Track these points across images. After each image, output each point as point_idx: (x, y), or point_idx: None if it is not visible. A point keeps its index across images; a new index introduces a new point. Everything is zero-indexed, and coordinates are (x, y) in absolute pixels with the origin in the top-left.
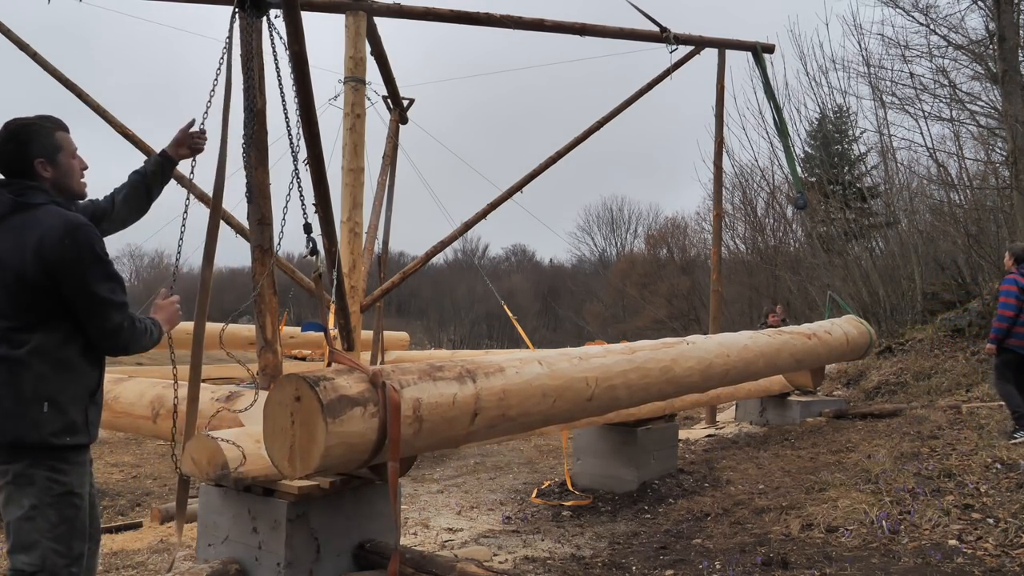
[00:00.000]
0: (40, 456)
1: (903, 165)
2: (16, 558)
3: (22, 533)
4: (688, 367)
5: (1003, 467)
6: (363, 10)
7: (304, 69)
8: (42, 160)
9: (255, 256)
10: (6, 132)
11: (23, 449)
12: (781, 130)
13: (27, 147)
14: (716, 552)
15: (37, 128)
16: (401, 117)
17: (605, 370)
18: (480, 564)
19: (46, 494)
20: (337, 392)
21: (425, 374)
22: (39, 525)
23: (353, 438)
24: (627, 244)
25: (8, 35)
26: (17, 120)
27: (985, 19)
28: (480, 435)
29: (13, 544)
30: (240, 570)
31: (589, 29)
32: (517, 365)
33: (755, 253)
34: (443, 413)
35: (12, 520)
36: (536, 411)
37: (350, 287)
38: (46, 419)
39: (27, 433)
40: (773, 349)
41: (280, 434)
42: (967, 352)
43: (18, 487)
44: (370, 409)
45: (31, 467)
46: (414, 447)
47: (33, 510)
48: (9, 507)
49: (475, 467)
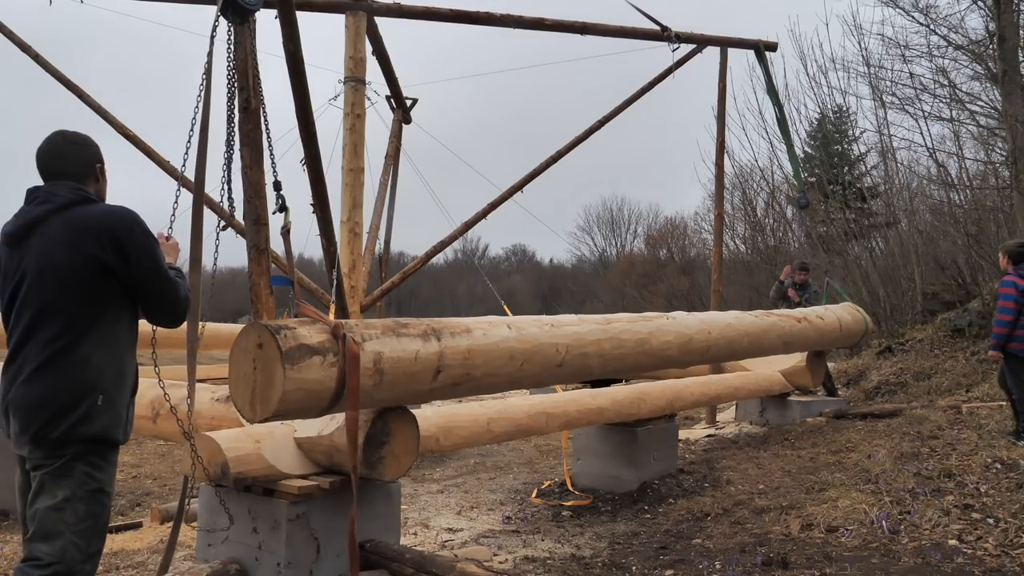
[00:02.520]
0: (85, 450)
1: (903, 165)
2: (35, 546)
3: (48, 523)
4: (666, 341)
5: (1003, 467)
6: (363, 10)
7: (300, 69)
8: (100, 165)
9: (251, 256)
10: (67, 136)
11: (72, 443)
12: (783, 129)
13: (91, 151)
14: (716, 552)
15: (93, 141)
16: (404, 117)
17: (578, 338)
18: (480, 564)
19: (80, 488)
20: (297, 340)
21: (389, 329)
22: (66, 517)
23: (311, 384)
24: (627, 244)
25: (9, 36)
26: (72, 130)
27: (985, 19)
28: (445, 392)
29: (34, 532)
30: (240, 570)
31: (590, 28)
32: (485, 327)
33: (755, 253)
34: (405, 368)
35: (40, 509)
36: (503, 372)
37: (350, 287)
38: (99, 413)
39: (80, 427)
40: (759, 329)
41: (243, 379)
42: (967, 352)
43: (54, 478)
44: (329, 359)
45: (73, 460)
46: (375, 399)
47: (64, 502)
48: (41, 496)
49: (475, 467)
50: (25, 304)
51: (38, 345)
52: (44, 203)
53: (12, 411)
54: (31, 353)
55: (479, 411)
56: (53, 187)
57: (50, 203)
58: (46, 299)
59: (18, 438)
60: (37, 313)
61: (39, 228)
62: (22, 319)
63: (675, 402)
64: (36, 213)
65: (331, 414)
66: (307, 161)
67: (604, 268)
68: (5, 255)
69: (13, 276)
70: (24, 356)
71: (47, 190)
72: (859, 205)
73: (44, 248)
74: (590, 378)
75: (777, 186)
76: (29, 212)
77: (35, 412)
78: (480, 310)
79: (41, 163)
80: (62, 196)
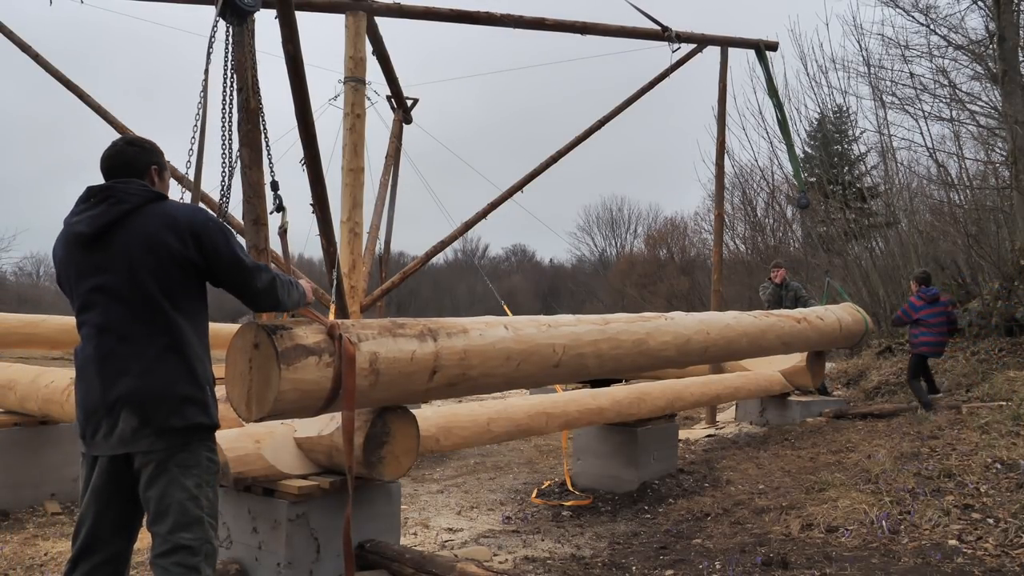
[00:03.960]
0: (206, 437)
1: (903, 165)
2: (179, 536)
3: (187, 512)
4: (664, 341)
5: (1003, 467)
6: (363, 10)
7: (299, 69)
8: (156, 168)
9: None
10: (128, 139)
11: (196, 430)
12: (783, 129)
13: (148, 155)
14: (716, 552)
15: (153, 143)
16: (405, 117)
17: (575, 338)
18: (480, 564)
19: (206, 473)
20: (293, 341)
21: (385, 330)
22: (202, 503)
23: (307, 385)
24: (627, 244)
25: (10, 37)
26: (135, 135)
27: (985, 19)
28: (441, 392)
29: (175, 523)
30: (240, 570)
31: (590, 28)
32: (482, 327)
33: (755, 253)
34: (401, 368)
35: (174, 502)
36: (499, 373)
37: (350, 287)
38: (212, 400)
39: (200, 416)
40: (758, 330)
41: (239, 378)
42: (967, 352)
43: (183, 469)
44: (325, 359)
45: (198, 447)
46: (371, 399)
47: (197, 489)
48: (170, 489)
49: (475, 467)
50: (114, 302)
51: (143, 341)
52: (121, 202)
53: (127, 406)
54: (136, 350)
55: (479, 411)
56: (126, 186)
57: (127, 202)
58: (141, 296)
59: (135, 432)
60: (135, 311)
61: (121, 227)
62: (112, 317)
63: (675, 402)
64: (114, 213)
65: (331, 414)
66: (307, 161)
67: (604, 268)
68: (79, 255)
69: (91, 275)
70: (126, 353)
71: (121, 189)
72: (859, 205)
73: (130, 246)
74: (588, 378)
75: (777, 186)
76: (107, 212)
77: (158, 403)
78: (480, 310)
79: (104, 165)
80: (138, 195)
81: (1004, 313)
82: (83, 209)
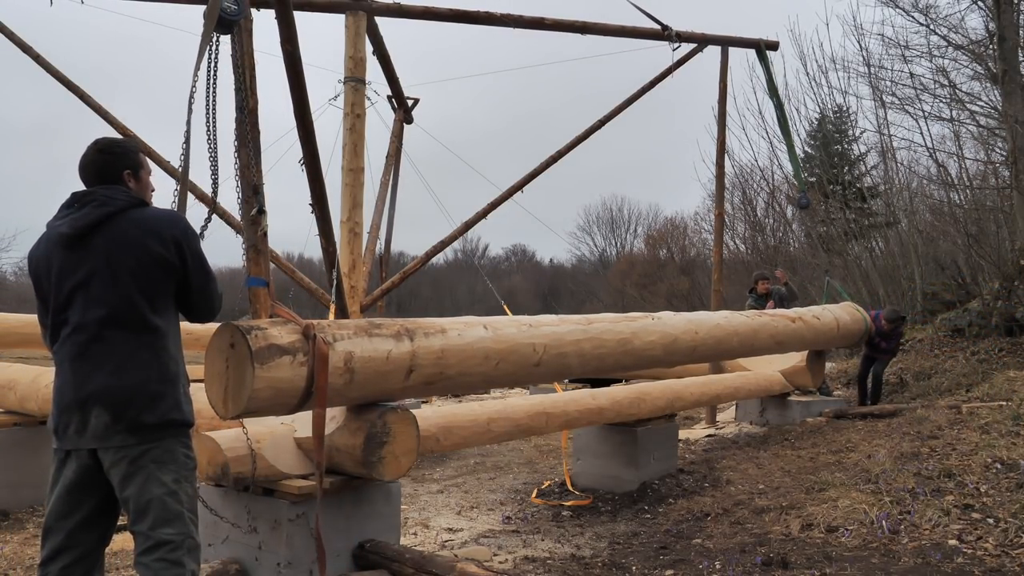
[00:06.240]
0: (180, 433)
1: (903, 165)
2: (161, 532)
3: (167, 508)
4: (649, 341)
5: (1003, 467)
6: (363, 10)
7: (298, 69)
8: (129, 172)
9: (249, 256)
10: (98, 146)
11: (170, 426)
12: (784, 129)
13: (119, 159)
14: (716, 552)
15: (125, 145)
16: (406, 117)
17: (556, 338)
18: (480, 564)
19: (183, 468)
20: (268, 340)
21: (362, 330)
22: (181, 498)
23: (281, 383)
24: (627, 244)
25: (11, 37)
26: (107, 138)
27: (985, 19)
28: (418, 390)
29: (155, 519)
30: (240, 570)
31: (590, 28)
32: (461, 327)
33: (755, 253)
34: (376, 367)
35: (154, 497)
36: (477, 372)
37: (350, 287)
38: (185, 398)
39: (174, 413)
40: (750, 329)
41: (217, 377)
42: (967, 352)
43: (160, 464)
44: (299, 358)
45: (173, 444)
46: (346, 397)
47: (175, 484)
48: (148, 485)
49: (475, 467)
50: (93, 302)
51: (119, 340)
52: (104, 206)
53: (100, 402)
54: (111, 348)
55: (479, 411)
56: (109, 191)
57: (110, 206)
58: (120, 296)
59: (107, 429)
60: (113, 310)
61: (103, 229)
62: (90, 316)
63: (675, 402)
64: (97, 215)
65: (331, 415)
66: (305, 160)
67: (604, 268)
68: (60, 255)
69: (72, 275)
70: (101, 351)
71: (104, 194)
72: (859, 205)
73: (111, 248)
74: (571, 377)
75: (777, 186)
76: (89, 214)
77: (131, 400)
78: (480, 310)
79: (80, 175)
80: (121, 200)
81: (1004, 313)
82: (67, 213)
